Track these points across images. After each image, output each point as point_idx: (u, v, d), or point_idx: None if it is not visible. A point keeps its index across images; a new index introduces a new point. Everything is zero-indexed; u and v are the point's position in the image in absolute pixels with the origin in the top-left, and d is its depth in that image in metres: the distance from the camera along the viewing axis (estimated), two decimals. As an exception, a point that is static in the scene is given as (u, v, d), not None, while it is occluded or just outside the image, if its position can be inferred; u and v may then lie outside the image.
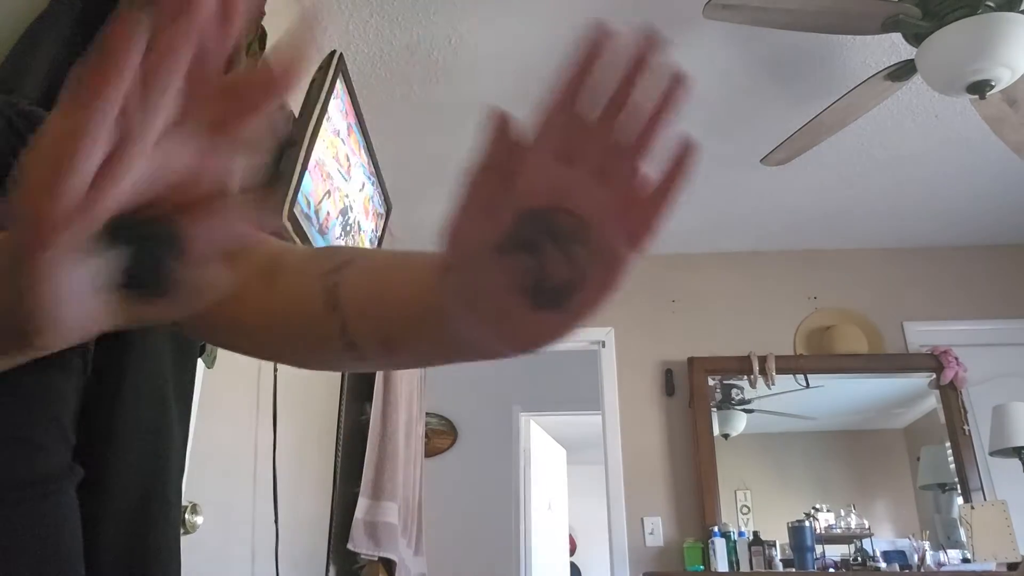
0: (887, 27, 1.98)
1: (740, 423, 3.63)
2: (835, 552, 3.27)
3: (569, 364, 4.74)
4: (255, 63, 0.33)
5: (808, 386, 3.56)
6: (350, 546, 2.52)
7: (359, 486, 2.63)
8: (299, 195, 1.82)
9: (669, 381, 3.63)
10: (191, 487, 1.47)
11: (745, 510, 3.46)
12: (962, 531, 3.14)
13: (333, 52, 2.02)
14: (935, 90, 2.05)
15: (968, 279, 3.75)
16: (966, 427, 3.40)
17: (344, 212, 2.23)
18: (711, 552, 3.15)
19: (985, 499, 3.23)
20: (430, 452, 4.62)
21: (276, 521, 1.97)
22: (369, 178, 2.51)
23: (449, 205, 0.37)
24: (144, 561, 0.71)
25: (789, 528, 3.20)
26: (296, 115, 1.96)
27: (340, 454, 2.74)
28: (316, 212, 1.97)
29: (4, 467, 0.51)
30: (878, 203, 3.45)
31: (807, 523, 3.18)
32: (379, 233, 2.73)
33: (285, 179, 1.79)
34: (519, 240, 0.35)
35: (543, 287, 0.35)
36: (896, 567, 3.10)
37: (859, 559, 3.20)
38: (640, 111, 0.36)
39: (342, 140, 2.15)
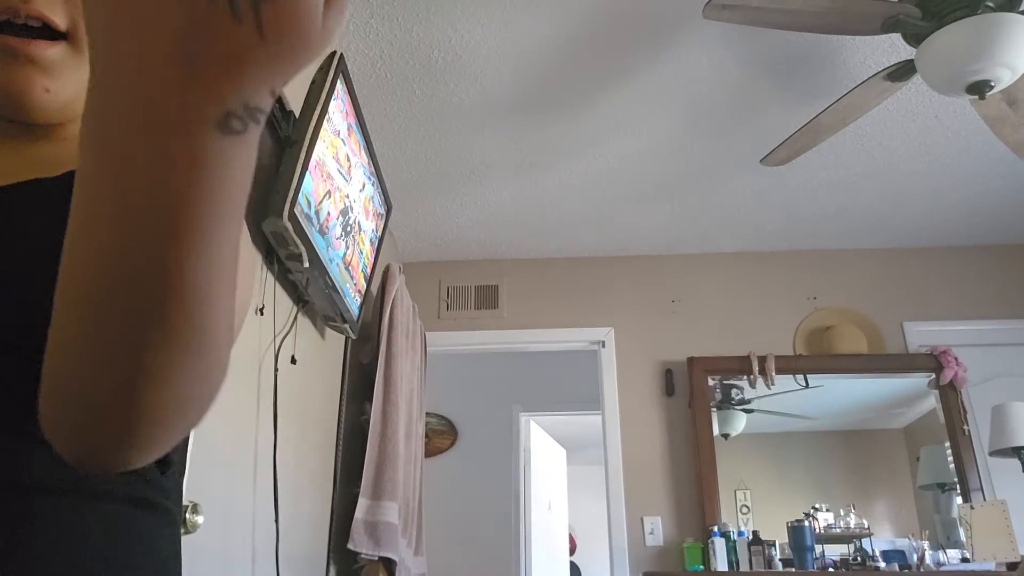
0: (887, 27, 1.98)
1: (740, 423, 3.63)
2: (834, 552, 3.27)
3: (569, 364, 4.75)
4: None
5: (808, 386, 3.57)
6: (350, 546, 2.52)
7: (359, 486, 2.63)
8: (299, 195, 1.82)
9: (669, 381, 3.63)
10: (191, 487, 1.47)
11: (745, 510, 3.46)
12: (961, 531, 3.14)
13: (333, 53, 2.02)
14: (935, 90, 2.05)
15: (968, 279, 3.76)
16: (966, 427, 3.40)
17: (344, 212, 2.23)
18: (711, 552, 3.15)
19: (985, 499, 3.23)
20: (430, 452, 4.62)
21: (276, 521, 1.97)
22: (369, 178, 2.51)
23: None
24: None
25: (788, 528, 3.20)
26: (297, 115, 1.96)
27: (340, 454, 2.74)
28: (316, 212, 1.97)
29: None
30: (878, 203, 3.45)
31: (806, 523, 3.18)
32: (379, 233, 2.73)
33: (285, 179, 1.79)
34: None
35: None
36: (895, 567, 3.10)
37: (858, 559, 3.20)
38: None
39: (343, 140, 2.15)
